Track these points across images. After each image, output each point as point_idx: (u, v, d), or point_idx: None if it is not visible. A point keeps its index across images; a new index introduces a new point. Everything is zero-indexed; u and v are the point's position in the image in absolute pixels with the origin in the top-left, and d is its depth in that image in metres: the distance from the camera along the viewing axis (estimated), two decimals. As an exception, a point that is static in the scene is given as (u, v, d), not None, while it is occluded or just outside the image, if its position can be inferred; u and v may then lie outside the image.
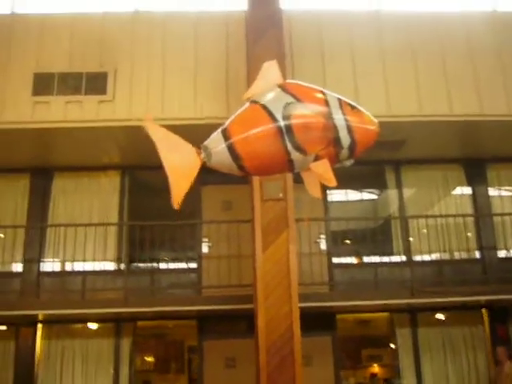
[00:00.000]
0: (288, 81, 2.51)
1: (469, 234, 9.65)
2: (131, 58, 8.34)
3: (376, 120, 2.47)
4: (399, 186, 9.83)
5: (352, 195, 10.22)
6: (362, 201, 10.33)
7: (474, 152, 9.78)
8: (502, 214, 9.62)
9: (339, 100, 2.43)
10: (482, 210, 9.70)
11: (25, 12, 8.74)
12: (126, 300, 8.18)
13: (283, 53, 7.60)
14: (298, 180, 2.62)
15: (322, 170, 2.39)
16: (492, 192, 9.89)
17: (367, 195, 10.40)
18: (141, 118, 8.03)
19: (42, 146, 8.95)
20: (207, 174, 2.66)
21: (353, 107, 2.43)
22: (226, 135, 2.34)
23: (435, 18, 8.82)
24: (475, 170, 9.88)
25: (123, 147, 8.98)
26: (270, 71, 2.48)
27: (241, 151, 2.34)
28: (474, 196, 9.80)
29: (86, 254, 9.03)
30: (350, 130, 2.37)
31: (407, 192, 9.88)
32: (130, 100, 8.16)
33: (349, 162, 2.53)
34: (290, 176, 6.98)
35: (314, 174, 2.44)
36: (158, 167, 2.35)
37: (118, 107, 8.12)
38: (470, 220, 9.72)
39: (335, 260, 9.40)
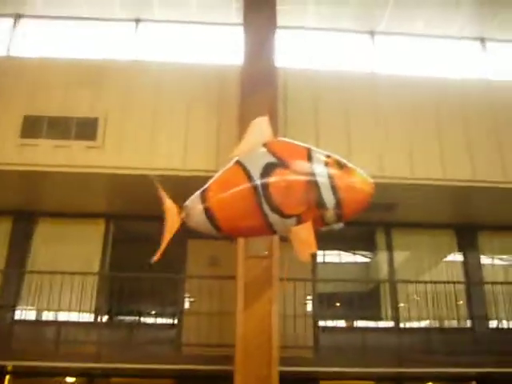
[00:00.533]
0: (275, 139, 2.44)
1: (459, 302, 9.38)
2: (123, 105, 8.28)
3: (370, 180, 2.31)
4: (390, 248, 9.63)
5: (341, 257, 9.98)
6: (351, 263, 10.09)
7: (467, 218, 9.66)
8: (493, 283, 9.36)
9: (327, 157, 2.31)
10: (473, 277, 9.47)
11: (19, 55, 8.73)
12: (101, 354, 7.79)
13: (276, 109, 7.55)
14: (286, 238, 2.46)
15: (304, 234, 2.26)
16: (484, 260, 9.68)
17: (357, 257, 10.16)
18: (128, 166, 8.10)
19: (28, 189, 8.77)
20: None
21: (342, 165, 2.29)
22: (203, 196, 2.36)
23: (431, 82, 8.87)
24: (467, 237, 9.73)
25: (109, 195, 8.82)
26: (259, 128, 2.46)
27: (216, 213, 2.33)
28: (465, 263, 9.60)
29: (63, 304, 8.66)
30: (334, 189, 2.23)
31: (397, 256, 9.67)
32: (120, 147, 8.05)
33: (337, 226, 2.37)
34: (276, 233, 6.77)
35: (298, 241, 2.32)
36: (143, 217, 2.31)
37: (106, 154, 7.99)
38: (461, 288, 9.47)
39: (321, 323, 9.07)
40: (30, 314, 8.88)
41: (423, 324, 9.21)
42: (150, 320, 9.29)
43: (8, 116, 8.06)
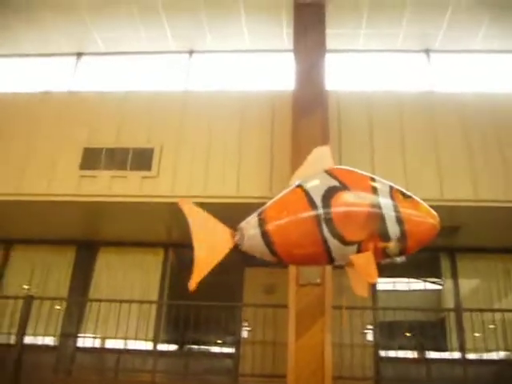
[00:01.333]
0: (336, 166, 2.37)
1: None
2: (178, 135, 8.42)
3: (435, 213, 2.23)
4: (455, 275, 9.16)
5: (403, 284, 9.58)
6: (413, 290, 9.65)
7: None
8: None
9: (391, 188, 2.24)
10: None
11: (80, 89, 9.12)
12: (158, 383, 7.80)
13: (327, 132, 7.44)
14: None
15: (364, 262, 2.16)
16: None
17: (420, 284, 9.71)
18: (183, 195, 8.19)
19: (89, 219, 9.06)
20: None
21: (407, 196, 2.22)
22: (261, 219, 2.28)
23: (492, 99, 8.48)
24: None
25: (167, 224, 8.92)
26: (320, 156, 2.39)
27: (274, 237, 2.24)
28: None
29: (123, 332, 8.79)
30: (399, 220, 2.15)
31: (463, 282, 9.17)
32: (174, 177, 8.16)
33: (400, 259, 2.49)
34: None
35: (357, 270, 2.23)
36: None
37: (161, 183, 8.12)
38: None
39: (382, 353, 8.69)
40: (91, 342, 9.04)
41: (492, 356, 8.63)
42: (207, 349, 9.22)
43: (69, 149, 8.38)
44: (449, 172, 7.95)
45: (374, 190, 2.22)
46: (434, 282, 9.59)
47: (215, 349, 9.24)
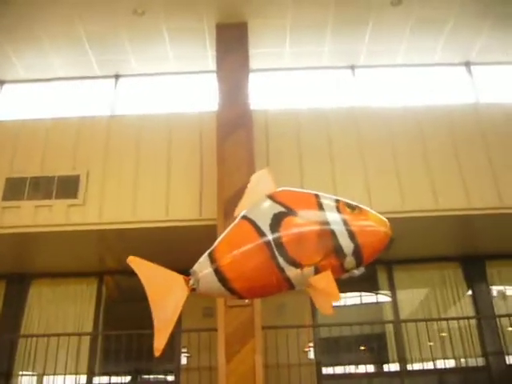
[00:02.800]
0: (278, 189, 2.25)
1: (472, 339, 8.85)
2: (104, 160, 8.25)
3: (385, 219, 2.16)
4: (392, 288, 9.20)
5: (342, 300, 9.55)
6: (353, 305, 9.62)
7: (472, 249, 9.23)
8: (508, 315, 8.80)
9: (337, 202, 2.15)
10: (483, 311, 8.95)
11: (1, 118, 8.87)
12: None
13: (252, 153, 7.42)
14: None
15: (324, 283, 2.06)
16: (494, 291, 9.17)
17: (359, 299, 9.70)
18: (111, 221, 8.00)
19: (17, 252, 8.71)
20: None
21: (353, 208, 2.13)
22: (212, 257, 2.15)
23: (415, 111, 8.66)
24: (474, 269, 9.25)
25: (98, 252, 8.70)
26: (260, 181, 2.27)
27: (228, 274, 2.12)
28: (474, 297, 9.10)
29: (57, 367, 8.45)
30: (350, 234, 2.07)
31: (401, 294, 9.23)
32: (101, 203, 7.97)
33: (358, 271, 2.18)
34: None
35: (319, 291, 2.13)
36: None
37: (88, 210, 7.92)
38: (472, 324, 8.94)
39: (325, 370, 8.62)
40: (25, 380, 8.65)
41: (432, 365, 8.67)
42: (147, 378, 8.95)
43: (-10, 180, 8.09)
44: (375, 184, 8.03)
45: (321, 208, 2.14)
46: (372, 297, 9.58)
47: (155, 378, 8.97)
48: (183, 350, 8.66)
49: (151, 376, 9.04)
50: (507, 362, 8.67)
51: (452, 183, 8.13)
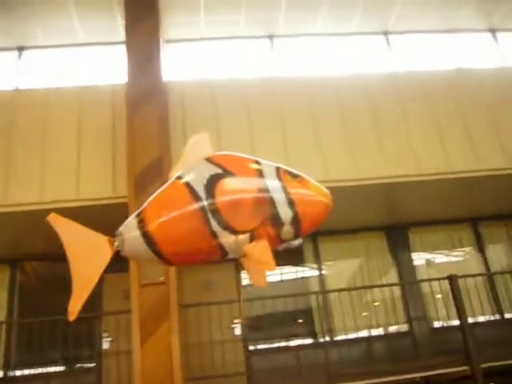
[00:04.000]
0: (217, 153, 2.14)
1: (396, 306, 8.94)
2: (8, 139, 7.70)
3: (327, 190, 2.09)
4: (318, 259, 9.15)
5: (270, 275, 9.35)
6: (278, 282, 9.43)
7: (396, 218, 9.30)
8: (433, 279, 8.85)
9: (277, 169, 2.06)
10: (407, 278, 9.05)
11: None
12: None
13: (166, 125, 7.09)
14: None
15: (259, 252, 1.98)
16: (416, 259, 9.28)
17: (285, 274, 9.52)
18: (17, 203, 7.49)
19: None
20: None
21: (295, 176, 2.07)
22: (141, 219, 2.01)
23: (334, 80, 8.53)
24: (397, 237, 9.33)
25: (9, 238, 8.16)
26: (198, 144, 2.18)
27: (157, 237, 1.99)
28: (397, 264, 9.18)
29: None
30: (290, 203, 2.00)
31: (328, 266, 9.20)
32: (6, 185, 7.44)
33: (297, 242, 2.14)
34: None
35: (253, 260, 2.04)
36: (53, 258, 1.76)
37: (-8, 192, 7.38)
38: (397, 291, 9.02)
39: (252, 347, 8.49)
40: None
41: (360, 334, 8.70)
42: (66, 367, 8.53)
43: None
44: (295, 154, 7.86)
45: (260, 173, 2.06)
46: (298, 270, 9.47)
47: (76, 365, 8.57)
48: (104, 335, 8.30)
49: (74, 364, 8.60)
50: (431, 326, 8.81)
51: (372, 152, 8.08)
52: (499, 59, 9.46)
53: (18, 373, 8.18)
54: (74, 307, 2.02)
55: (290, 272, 9.34)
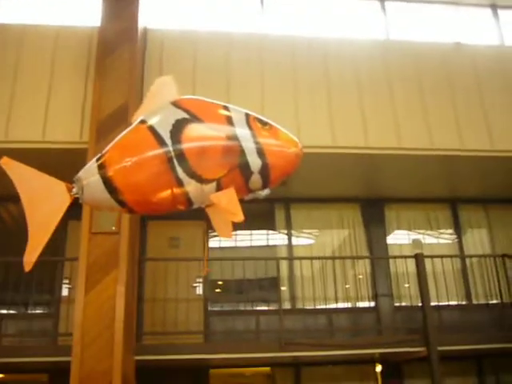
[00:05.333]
0: (184, 96, 1.99)
1: (360, 277, 8.82)
2: (-23, 71, 7.47)
3: (296, 139, 1.98)
4: (288, 226, 8.98)
5: (237, 241, 9.17)
6: (250, 246, 9.27)
7: (372, 192, 9.09)
8: (398, 257, 8.69)
9: (247, 116, 1.95)
10: (378, 254, 8.89)
11: None
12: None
13: (137, 71, 6.83)
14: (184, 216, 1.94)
15: (226, 201, 1.87)
16: (390, 235, 9.11)
17: (255, 240, 9.34)
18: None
19: None
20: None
21: (265, 124, 1.95)
22: (101, 164, 1.89)
23: (321, 42, 8.21)
24: (372, 210, 9.13)
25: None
26: (164, 87, 2.03)
27: (119, 183, 1.87)
28: (369, 238, 9.01)
29: None
30: (259, 151, 1.89)
31: (297, 234, 9.03)
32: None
33: (264, 192, 2.03)
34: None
35: (220, 210, 1.93)
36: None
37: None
38: (366, 264, 8.88)
39: (212, 308, 8.41)
40: None
41: (323, 304, 8.59)
42: (23, 311, 8.47)
43: None
44: (273, 113, 7.45)
45: (229, 120, 1.96)
46: (266, 236, 9.29)
47: (33, 310, 8.50)
48: (65, 281, 8.23)
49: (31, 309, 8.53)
50: (396, 305, 8.69)
51: (352, 121, 7.82)
52: (498, 37, 9.06)
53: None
54: (30, 257, 1.93)
55: (259, 238, 9.18)
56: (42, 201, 1.97)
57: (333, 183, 8.66)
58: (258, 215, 8.97)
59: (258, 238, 9.16)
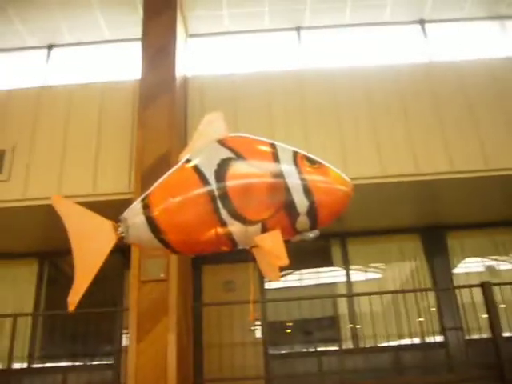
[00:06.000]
0: (231, 134, 2.00)
1: (432, 309, 8.35)
2: (32, 134, 7.83)
3: (347, 178, 1.91)
4: (346, 262, 8.71)
5: (294, 281, 8.96)
6: (304, 284, 9.04)
7: (432, 220, 8.70)
8: (463, 287, 8.14)
9: (294, 154, 1.91)
10: (442, 284, 8.43)
11: None
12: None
13: (176, 117, 6.94)
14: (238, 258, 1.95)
15: (271, 243, 1.81)
16: (455, 264, 8.63)
17: (311, 279, 9.10)
18: (36, 197, 7.59)
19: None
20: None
21: (314, 162, 1.90)
22: (145, 204, 1.91)
23: (362, 72, 8.09)
24: (434, 240, 8.71)
25: (35, 232, 8.31)
26: (211, 125, 2.04)
27: (162, 224, 1.87)
28: (432, 268, 8.57)
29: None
30: (306, 190, 1.83)
31: (355, 269, 8.73)
32: (27, 178, 7.57)
33: (313, 234, 1.95)
34: (173, 252, 6.08)
35: (265, 252, 1.88)
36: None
37: (12, 186, 7.51)
38: (431, 297, 8.43)
39: (272, 351, 8.19)
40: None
41: (389, 342, 8.19)
42: (87, 362, 8.56)
43: None
44: (321, 152, 7.45)
45: (276, 158, 1.91)
46: (324, 274, 9.02)
47: (95, 361, 8.59)
48: (124, 331, 8.28)
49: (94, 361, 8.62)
50: (466, 338, 8.16)
51: (400, 148, 7.58)
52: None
53: (40, 365, 8.31)
54: (74, 297, 1.94)
55: (316, 276, 8.95)
56: (89, 239, 1.98)
57: (388, 214, 8.36)
58: (313, 252, 8.78)
59: (315, 276, 8.92)
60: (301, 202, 1.85)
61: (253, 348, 8.11)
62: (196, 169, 1.91)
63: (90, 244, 1.97)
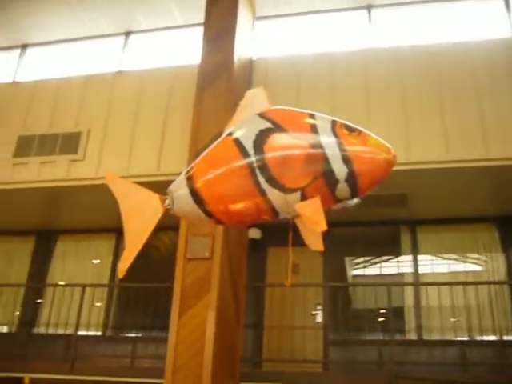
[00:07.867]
0: (272, 107, 2.08)
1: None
2: (106, 117, 8.32)
3: (389, 145, 1.92)
4: (415, 251, 8.34)
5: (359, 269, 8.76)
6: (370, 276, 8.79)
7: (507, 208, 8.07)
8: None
9: (333, 123, 1.95)
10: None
11: (16, 80, 9.27)
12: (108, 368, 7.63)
13: (233, 99, 6.99)
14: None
15: (310, 210, 1.88)
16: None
17: (378, 270, 8.80)
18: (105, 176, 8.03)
19: (47, 207, 9.09)
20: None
21: (353, 130, 1.93)
22: (189, 177, 2.06)
23: (427, 50, 7.65)
24: (510, 229, 8.09)
25: (110, 208, 8.81)
26: (254, 99, 2.13)
27: (204, 195, 2.01)
28: (509, 260, 7.97)
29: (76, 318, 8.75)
30: (345, 158, 1.87)
31: (423, 258, 8.34)
32: (99, 158, 8.05)
33: (353, 202, 2.01)
34: (220, 232, 6.20)
35: (305, 220, 1.96)
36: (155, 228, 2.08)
37: (86, 166, 8.04)
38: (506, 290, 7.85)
39: (332, 336, 8.08)
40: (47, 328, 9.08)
41: (453, 336, 7.75)
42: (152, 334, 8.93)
43: (2, 138, 8.49)
44: (385, 133, 7.20)
45: (314, 128, 1.94)
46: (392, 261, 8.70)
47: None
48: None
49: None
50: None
51: (469, 130, 7.08)
52: None
53: (112, 334, 8.85)
54: (124, 265, 2.05)
55: (383, 265, 8.69)
56: (138, 212, 2.12)
57: (460, 201, 7.87)
58: (381, 240, 8.54)
59: (382, 265, 8.67)
60: (339, 170, 1.84)
61: (313, 332, 8.06)
62: (236, 141, 1.97)
63: (140, 216, 2.09)
